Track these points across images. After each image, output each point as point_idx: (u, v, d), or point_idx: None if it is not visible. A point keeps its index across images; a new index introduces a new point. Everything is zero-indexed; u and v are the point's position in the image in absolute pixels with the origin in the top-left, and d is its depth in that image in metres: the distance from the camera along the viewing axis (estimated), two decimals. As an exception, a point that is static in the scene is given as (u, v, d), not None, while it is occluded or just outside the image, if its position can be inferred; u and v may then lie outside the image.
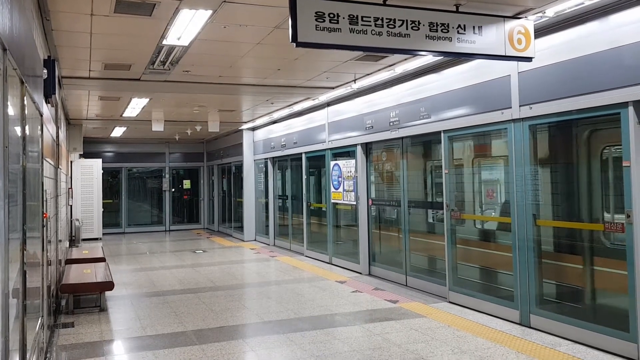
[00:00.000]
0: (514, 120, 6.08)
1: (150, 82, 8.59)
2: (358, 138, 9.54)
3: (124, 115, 12.19)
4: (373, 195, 9.52)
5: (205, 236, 17.08)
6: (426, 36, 4.72)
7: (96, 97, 9.96)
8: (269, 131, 14.32)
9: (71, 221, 14.62)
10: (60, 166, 8.22)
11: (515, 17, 5.17)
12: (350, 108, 9.91)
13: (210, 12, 5.25)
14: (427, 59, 6.97)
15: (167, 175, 19.56)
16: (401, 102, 8.28)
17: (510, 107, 6.11)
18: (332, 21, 4.36)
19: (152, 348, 5.54)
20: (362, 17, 4.47)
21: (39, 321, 4.52)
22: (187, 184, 20.28)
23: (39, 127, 4.68)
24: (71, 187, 14.79)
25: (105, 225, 16.92)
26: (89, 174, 16.01)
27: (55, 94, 5.71)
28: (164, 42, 6.27)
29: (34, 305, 4.13)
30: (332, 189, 10.51)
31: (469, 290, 6.89)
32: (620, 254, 4.97)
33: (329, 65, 7.77)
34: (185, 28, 5.75)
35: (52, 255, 6.54)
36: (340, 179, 10.21)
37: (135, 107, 11.08)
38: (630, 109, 4.78)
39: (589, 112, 5.23)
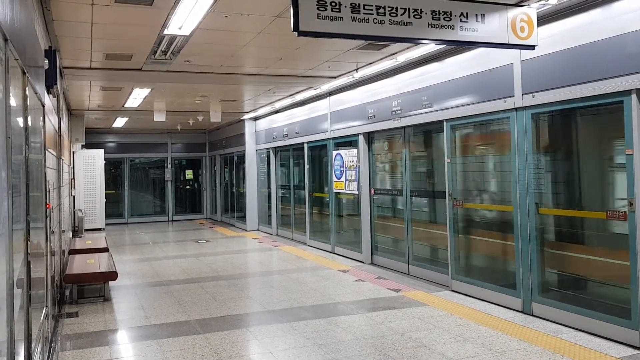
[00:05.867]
0: (516, 109, 6.06)
1: (151, 72, 8.57)
2: (360, 127, 9.52)
3: (125, 105, 12.19)
4: (375, 184, 9.52)
5: (208, 226, 17.12)
6: (428, 24, 4.69)
7: (98, 88, 9.95)
8: (271, 121, 14.30)
9: (74, 212, 14.66)
10: (62, 157, 8.23)
11: (518, 4, 5.13)
12: (352, 97, 9.89)
13: (211, 0, 5.22)
14: (429, 47, 6.94)
15: (169, 166, 19.58)
16: (403, 91, 8.25)
17: (513, 96, 6.08)
18: (333, 10, 4.34)
19: (156, 337, 5.57)
20: (364, 5, 4.44)
21: (44, 311, 4.54)
22: (189, 174, 20.30)
23: (41, 117, 4.67)
24: (74, 178, 14.80)
25: (108, 216, 16.98)
26: (91, 165, 16.04)
27: (56, 84, 5.70)
28: (165, 31, 6.25)
29: (39, 296, 4.15)
30: (335, 179, 10.51)
31: (471, 279, 6.91)
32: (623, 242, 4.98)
33: (331, 55, 7.74)
34: (186, 17, 5.72)
35: (56, 245, 6.56)
36: (342, 169, 10.20)
37: (136, 97, 11.08)
38: (634, 97, 4.76)
39: (592, 100, 5.21)
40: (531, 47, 5.25)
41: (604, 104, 5.19)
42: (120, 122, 15.92)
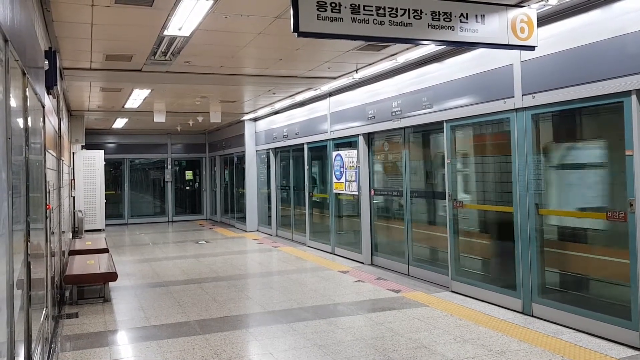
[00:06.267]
0: (516, 110, 6.06)
1: (151, 73, 8.57)
2: (360, 128, 9.52)
3: (125, 106, 12.19)
4: (375, 185, 9.52)
5: (208, 227, 17.11)
6: (428, 25, 4.69)
7: (98, 89, 9.95)
8: (270, 122, 14.30)
9: (74, 212, 14.66)
10: (62, 158, 8.23)
11: (518, 5, 5.13)
12: (352, 98, 9.89)
13: (211, 1, 5.23)
14: (429, 48, 6.94)
15: (169, 166, 19.58)
16: (403, 92, 8.25)
17: (513, 97, 6.08)
18: (333, 10, 4.34)
19: (156, 338, 5.57)
20: (364, 6, 4.44)
21: (44, 312, 4.54)
22: (189, 174, 20.30)
23: (41, 118, 4.67)
24: (74, 179, 14.80)
25: (108, 217, 16.98)
26: (91, 166, 16.05)
27: (56, 85, 5.70)
28: (165, 32, 6.25)
29: (39, 296, 4.15)
30: (334, 180, 10.51)
31: (471, 280, 6.90)
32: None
33: (331, 55, 7.74)
34: (186, 18, 5.72)
35: (56, 246, 6.56)
36: (342, 169, 10.20)
37: (136, 98, 11.08)
38: (634, 97, 4.76)
39: (592, 101, 5.21)
40: (531, 48, 5.26)
41: (604, 105, 5.19)
42: (120, 123, 15.91)
